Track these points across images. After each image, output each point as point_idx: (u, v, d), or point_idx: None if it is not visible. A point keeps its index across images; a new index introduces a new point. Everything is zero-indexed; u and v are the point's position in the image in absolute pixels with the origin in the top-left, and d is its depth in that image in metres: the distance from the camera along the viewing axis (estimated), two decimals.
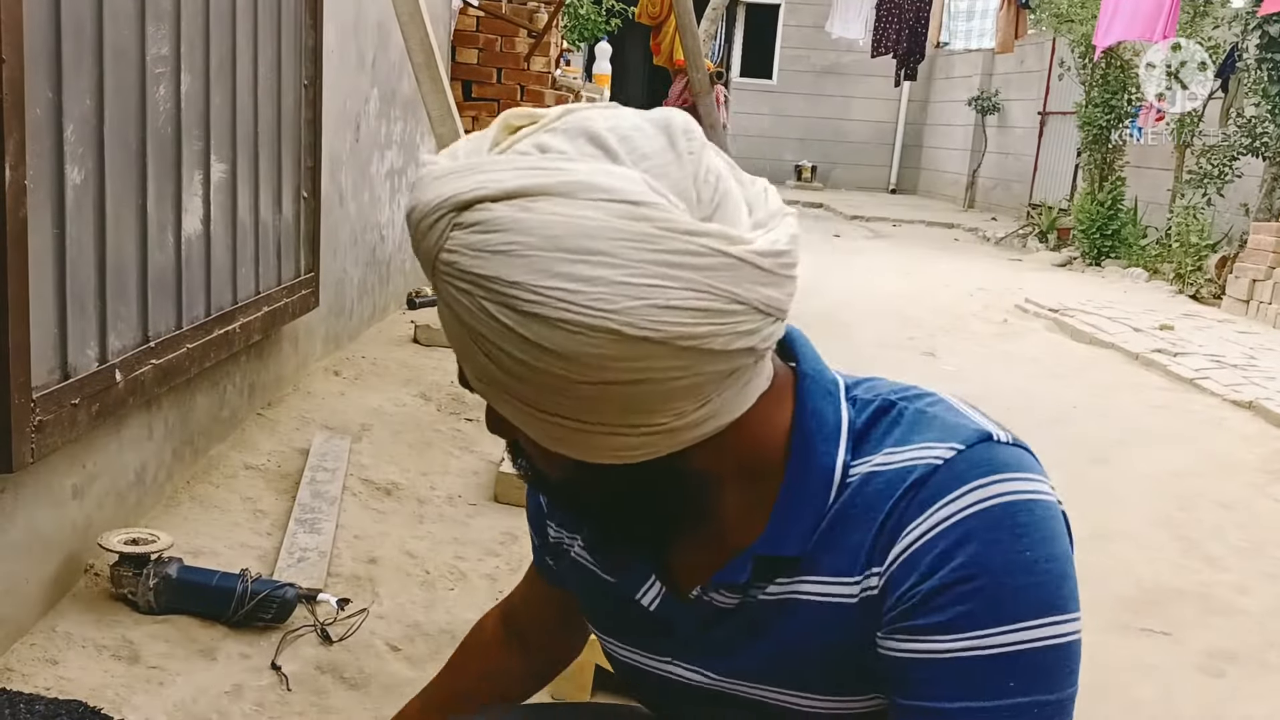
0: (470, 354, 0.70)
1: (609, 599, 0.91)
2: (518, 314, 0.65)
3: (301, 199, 3.56)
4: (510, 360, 0.67)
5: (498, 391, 0.72)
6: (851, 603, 0.78)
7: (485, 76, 7.32)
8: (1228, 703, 2.58)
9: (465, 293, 0.66)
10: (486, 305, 0.66)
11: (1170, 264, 9.55)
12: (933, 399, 0.83)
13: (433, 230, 0.67)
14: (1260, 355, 6.67)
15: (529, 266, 0.64)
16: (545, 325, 0.65)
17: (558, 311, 0.64)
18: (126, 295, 2.42)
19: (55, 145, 2.10)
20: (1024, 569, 0.72)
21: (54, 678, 2.02)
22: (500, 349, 0.67)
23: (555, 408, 0.69)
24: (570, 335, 0.64)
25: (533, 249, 0.64)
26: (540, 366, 0.66)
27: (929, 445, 0.77)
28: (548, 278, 0.64)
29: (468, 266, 0.66)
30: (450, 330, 0.71)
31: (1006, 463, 0.76)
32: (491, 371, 0.69)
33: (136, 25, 2.39)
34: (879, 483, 0.77)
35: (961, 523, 0.73)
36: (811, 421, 0.80)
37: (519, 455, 0.82)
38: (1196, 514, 3.86)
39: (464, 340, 0.70)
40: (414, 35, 3.54)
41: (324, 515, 2.82)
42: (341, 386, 4.01)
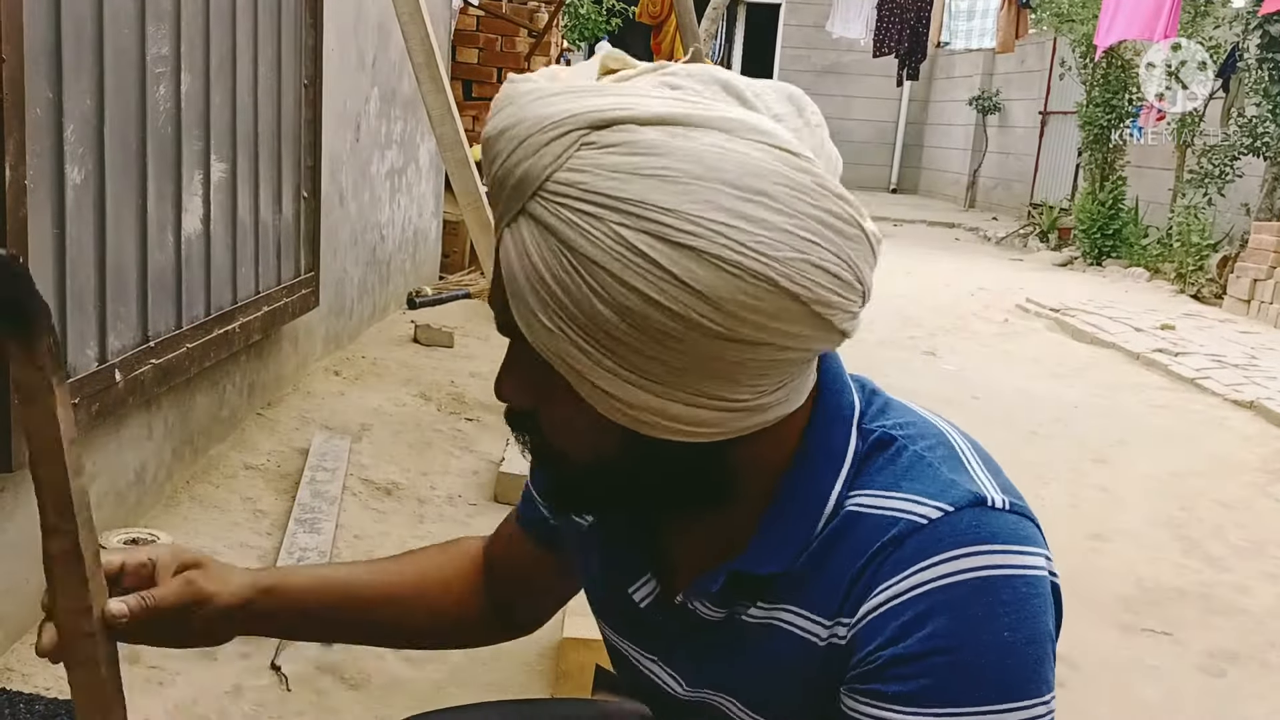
0: (554, 290, 0.62)
1: (605, 583, 0.88)
2: (666, 244, 0.60)
3: (301, 198, 3.56)
4: (628, 296, 0.61)
5: (575, 335, 0.63)
6: (819, 645, 0.74)
7: (485, 76, 7.31)
8: (1229, 703, 2.58)
9: (589, 216, 0.60)
10: (622, 232, 0.60)
11: (1171, 264, 9.55)
12: (936, 442, 0.76)
13: (548, 148, 0.61)
14: (1261, 355, 6.66)
15: (689, 195, 0.59)
16: (697, 260, 0.60)
17: (717, 248, 0.59)
18: (126, 295, 2.42)
19: (55, 145, 2.10)
20: (999, 649, 0.67)
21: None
22: (620, 282, 0.60)
23: (646, 362, 0.63)
24: (722, 275, 0.60)
25: (693, 178, 0.60)
26: (666, 306, 0.60)
27: (916, 500, 0.72)
28: (711, 210, 0.59)
29: (602, 188, 0.60)
30: (528, 260, 0.63)
31: (995, 533, 0.69)
32: (587, 309, 0.62)
33: (137, 25, 2.39)
34: (863, 527, 0.73)
35: (933, 593, 0.68)
36: (819, 445, 0.75)
37: (529, 429, 0.74)
38: (1197, 514, 3.86)
39: (556, 271, 0.62)
40: (414, 34, 3.54)
41: (324, 515, 2.82)
42: (341, 386, 4.01)
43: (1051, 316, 7.68)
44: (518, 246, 0.64)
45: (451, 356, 4.71)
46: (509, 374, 0.71)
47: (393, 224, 5.21)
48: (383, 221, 5.05)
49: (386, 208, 5.09)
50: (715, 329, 0.61)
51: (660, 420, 0.66)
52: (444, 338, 4.88)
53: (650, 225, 0.60)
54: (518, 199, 0.63)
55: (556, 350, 0.65)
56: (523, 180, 0.63)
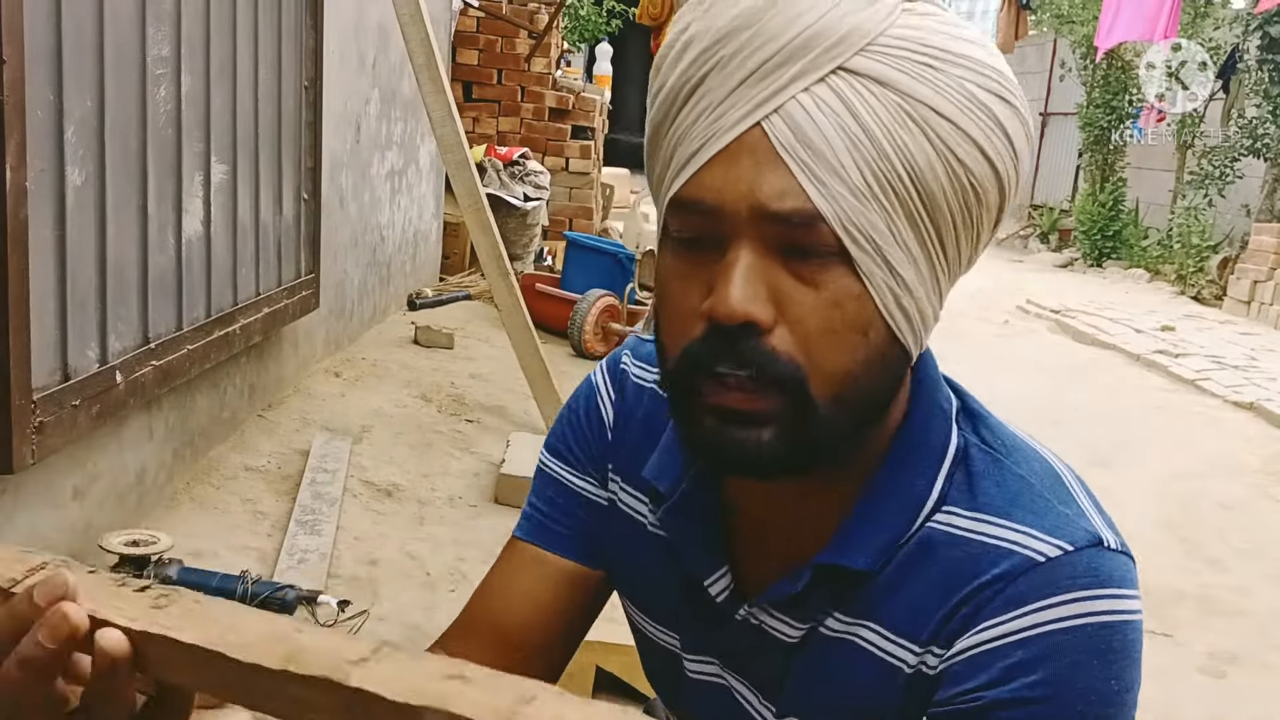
0: (883, 145, 0.61)
1: (671, 579, 0.82)
2: (998, 99, 0.64)
3: (302, 200, 3.56)
4: (965, 149, 0.63)
5: (889, 200, 0.62)
6: (907, 671, 0.70)
7: (486, 77, 7.32)
8: (1229, 704, 2.58)
9: (931, 68, 0.62)
10: (966, 84, 0.63)
11: (1171, 265, 9.55)
12: (1041, 468, 0.74)
13: (874, 7, 0.62)
14: (1261, 356, 6.66)
15: (1003, 63, 0.65)
16: (1017, 119, 0.65)
17: (1025, 110, 0.66)
18: (127, 296, 2.42)
19: (56, 147, 2.10)
20: (1103, 700, 0.65)
21: None
22: (962, 133, 0.63)
23: (940, 234, 0.65)
24: (1025, 137, 0.66)
25: (995, 51, 0.66)
26: (993, 160, 0.64)
27: (1031, 533, 0.68)
28: (1014, 77, 0.66)
29: (939, 43, 0.62)
30: (851, 118, 0.61)
31: (1111, 576, 0.67)
32: (920, 164, 0.62)
33: (137, 27, 2.39)
34: (964, 553, 0.69)
35: (1050, 635, 0.65)
36: (917, 438, 0.72)
37: (758, 356, 0.63)
38: (1198, 515, 3.86)
39: (890, 125, 0.61)
40: (414, 36, 3.54)
41: (324, 517, 2.82)
42: (342, 388, 4.01)
43: (1052, 318, 7.68)
44: (829, 107, 0.61)
45: (452, 358, 4.71)
46: (748, 281, 0.62)
47: (393, 225, 5.21)
48: (383, 223, 5.05)
49: (387, 209, 5.09)
50: (1006, 193, 0.67)
51: (917, 316, 0.67)
52: (444, 339, 4.88)
53: (988, 81, 0.63)
54: (833, 56, 0.61)
55: (864, 223, 0.62)
56: (849, 35, 0.61)
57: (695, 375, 0.65)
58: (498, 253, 3.72)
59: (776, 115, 0.62)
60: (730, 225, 0.63)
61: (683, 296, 0.66)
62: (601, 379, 0.89)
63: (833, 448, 0.67)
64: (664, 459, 0.80)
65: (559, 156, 7.49)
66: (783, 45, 0.61)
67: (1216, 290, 8.80)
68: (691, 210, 0.65)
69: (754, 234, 0.63)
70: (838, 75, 0.61)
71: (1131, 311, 7.99)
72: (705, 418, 0.66)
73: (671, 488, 0.79)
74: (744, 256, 0.63)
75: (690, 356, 0.65)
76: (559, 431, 0.90)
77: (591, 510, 0.88)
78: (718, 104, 0.63)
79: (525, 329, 3.75)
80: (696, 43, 0.65)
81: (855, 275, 0.63)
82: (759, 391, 0.64)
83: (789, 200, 0.61)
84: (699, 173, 0.64)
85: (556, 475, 0.89)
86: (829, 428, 0.65)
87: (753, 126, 0.62)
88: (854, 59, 0.61)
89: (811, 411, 0.64)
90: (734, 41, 0.63)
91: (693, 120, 0.65)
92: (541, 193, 6.57)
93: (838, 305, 0.63)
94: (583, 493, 0.88)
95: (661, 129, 0.68)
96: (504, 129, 7.39)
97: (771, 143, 0.62)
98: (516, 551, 0.89)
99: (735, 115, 0.63)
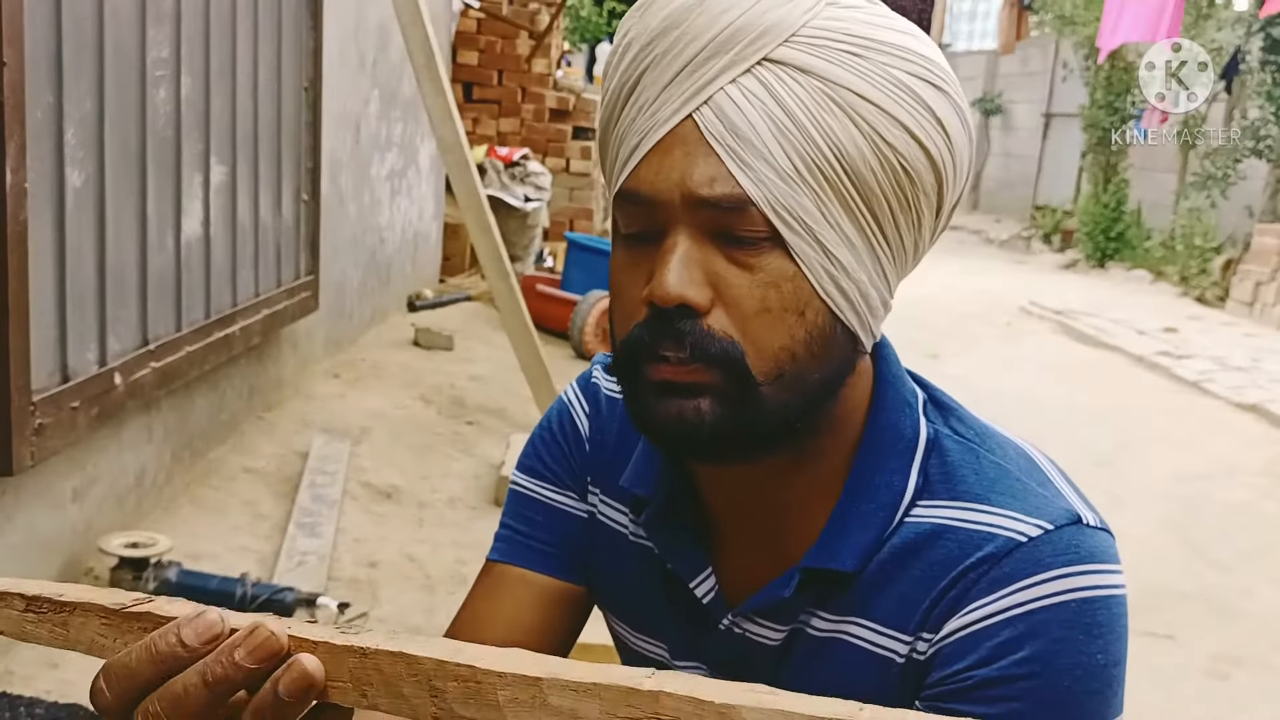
0: (810, 132, 0.64)
1: (656, 587, 0.83)
2: (928, 85, 0.65)
3: (301, 201, 3.55)
4: (894, 133, 0.65)
5: (819, 184, 0.65)
6: (899, 661, 0.72)
7: (486, 78, 7.32)
8: (1232, 705, 2.57)
9: (856, 56, 0.64)
10: (892, 70, 0.64)
11: (1174, 266, 9.54)
12: (1014, 452, 0.75)
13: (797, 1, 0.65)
14: (1264, 358, 6.65)
15: (934, 51, 0.67)
16: (948, 103, 0.66)
17: (956, 95, 0.67)
18: (126, 298, 2.42)
19: (56, 148, 2.10)
20: (1089, 674, 0.67)
21: (55, 681, 2.01)
22: (890, 118, 0.64)
23: (875, 217, 0.66)
24: (958, 121, 0.67)
25: (927, 40, 0.68)
26: (924, 144, 0.66)
27: (1012, 515, 0.70)
28: (946, 64, 0.68)
29: (863, 32, 0.65)
30: (778, 106, 0.64)
31: (1093, 552, 0.69)
32: (848, 150, 0.64)
33: (137, 28, 2.38)
34: (949, 541, 0.70)
35: (1034, 614, 0.67)
36: (886, 432, 0.74)
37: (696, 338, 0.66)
38: (1201, 517, 3.85)
39: (815, 112, 0.64)
40: (415, 37, 3.54)
41: (324, 519, 2.82)
42: (341, 389, 4.00)
43: (1054, 319, 7.67)
44: (756, 97, 0.64)
45: (451, 359, 4.70)
46: (685, 265, 0.65)
47: (392, 226, 5.21)
48: (382, 224, 5.04)
49: (386, 210, 5.09)
50: (942, 176, 0.67)
51: (858, 297, 0.68)
52: (444, 341, 4.87)
53: (915, 67, 0.65)
54: (758, 49, 0.64)
55: (794, 207, 0.65)
56: (772, 27, 0.64)
57: (638, 358, 0.68)
58: (498, 254, 3.71)
59: (706, 107, 0.64)
60: (666, 214, 0.66)
61: (628, 286, 0.69)
62: (574, 395, 0.90)
63: (777, 427, 0.68)
64: (640, 466, 0.81)
65: (559, 157, 7.49)
66: (708, 41, 0.64)
67: (1219, 291, 8.79)
68: (631, 202, 0.67)
69: (688, 221, 0.65)
70: (763, 66, 0.64)
71: (1134, 313, 7.98)
72: (647, 395, 0.68)
73: (651, 493, 0.80)
74: (680, 243, 0.66)
75: (632, 340, 0.68)
76: (532, 452, 0.90)
77: (573, 524, 0.87)
78: (653, 100, 0.66)
79: (525, 330, 3.75)
80: (634, 45, 0.68)
81: (789, 257, 0.65)
82: (697, 366, 0.66)
83: (718, 186, 0.64)
84: (638, 167, 0.67)
85: (534, 494, 0.89)
86: (770, 404, 0.67)
87: (685, 119, 0.65)
88: (778, 50, 0.64)
89: (750, 387, 0.66)
90: (665, 40, 0.66)
91: (632, 118, 0.67)
92: (542, 194, 6.57)
93: (773, 286, 0.65)
94: (563, 508, 0.88)
95: (608, 129, 0.71)
96: (504, 130, 7.38)
97: (702, 133, 0.64)
98: (495, 576, 0.88)
99: (668, 110, 0.65)
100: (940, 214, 0.70)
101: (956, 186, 0.70)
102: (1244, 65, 9.16)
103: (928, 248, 0.72)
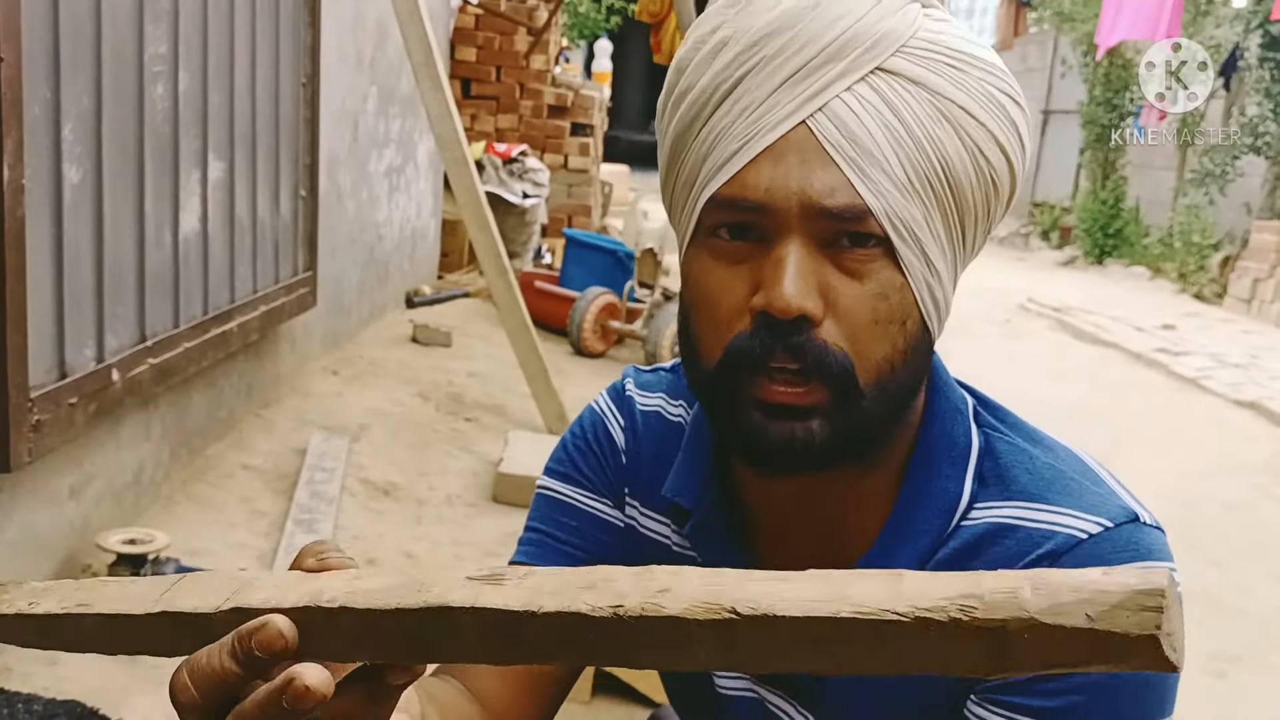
0: (921, 141, 0.65)
1: None
2: (1010, 99, 0.68)
3: (299, 198, 3.55)
4: (990, 144, 0.67)
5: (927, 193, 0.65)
6: None
7: (484, 74, 7.31)
8: (1230, 704, 2.57)
9: (955, 69, 0.66)
10: (986, 84, 0.67)
11: (1173, 263, 9.55)
12: (1065, 454, 0.75)
13: (907, 9, 0.66)
14: (1262, 355, 6.66)
15: (1006, 67, 0.70)
16: (1023, 117, 0.69)
17: (1026, 109, 0.70)
18: (124, 294, 2.41)
19: (53, 144, 2.09)
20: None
21: (53, 678, 2.01)
22: (985, 129, 0.67)
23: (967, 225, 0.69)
24: (1028, 135, 0.70)
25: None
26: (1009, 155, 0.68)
27: (1070, 513, 0.70)
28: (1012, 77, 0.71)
29: (958, 46, 0.67)
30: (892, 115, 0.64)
31: (1151, 549, 0.70)
32: (953, 159, 0.66)
33: (135, 24, 2.38)
34: (1009, 540, 0.70)
35: None
36: (940, 440, 0.74)
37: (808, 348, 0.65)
38: (1199, 515, 3.85)
39: (926, 122, 0.65)
40: (413, 33, 3.53)
41: (322, 515, 2.81)
42: (339, 386, 4.00)
43: (1053, 316, 7.67)
44: (872, 105, 0.64)
45: (450, 356, 4.70)
46: (801, 276, 0.64)
47: (391, 223, 5.20)
48: (380, 221, 5.04)
49: (384, 207, 5.08)
50: (1016, 187, 0.71)
51: (945, 305, 0.70)
52: (442, 337, 4.87)
53: (1001, 82, 0.68)
54: (873, 57, 0.64)
55: (906, 216, 0.65)
56: (885, 36, 0.65)
57: (743, 370, 0.66)
58: (496, 250, 3.71)
59: (821, 113, 0.64)
60: (779, 221, 0.64)
61: (725, 292, 0.67)
62: (606, 405, 0.89)
63: (873, 436, 0.69)
64: (682, 476, 0.80)
65: (558, 154, 7.48)
66: (824, 46, 0.64)
67: (1217, 288, 8.79)
68: (736, 208, 0.65)
69: (803, 229, 0.64)
70: (877, 75, 0.64)
71: (1132, 310, 7.99)
72: (753, 412, 0.66)
73: (694, 504, 0.79)
74: (794, 251, 0.64)
75: (738, 351, 0.66)
76: (565, 457, 0.89)
77: (608, 531, 0.86)
78: (759, 103, 0.64)
79: (524, 327, 3.74)
80: (732, 44, 0.66)
81: (897, 267, 0.66)
82: (807, 384, 0.65)
83: (840, 196, 0.63)
84: (742, 171, 0.65)
85: (568, 499, 0.87)
86: (873, 416, 0.67)
87: (798, 125, 0.64)
88: (890, 60, 0.64)
89: (856, 400, 0.66)
90: (774, 43, 0.65)
91: (732, 120, 0.65)
92: (540, 190, 6.56)
93: (883, 296, 0.65)
94: (598, 514, 0.87)
95: (692, 129, 0.68)
96: (502, 126, 7.38)
97: (818, 140, 0.63)
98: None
99: (779, 114, 0.64)
100: (998, 221, 0.74)
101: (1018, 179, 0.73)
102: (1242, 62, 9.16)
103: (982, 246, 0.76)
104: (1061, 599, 0.39)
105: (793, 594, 0.41)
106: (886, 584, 0.41)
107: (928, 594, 0.40)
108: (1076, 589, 0.39)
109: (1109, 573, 0.39)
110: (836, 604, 0.40)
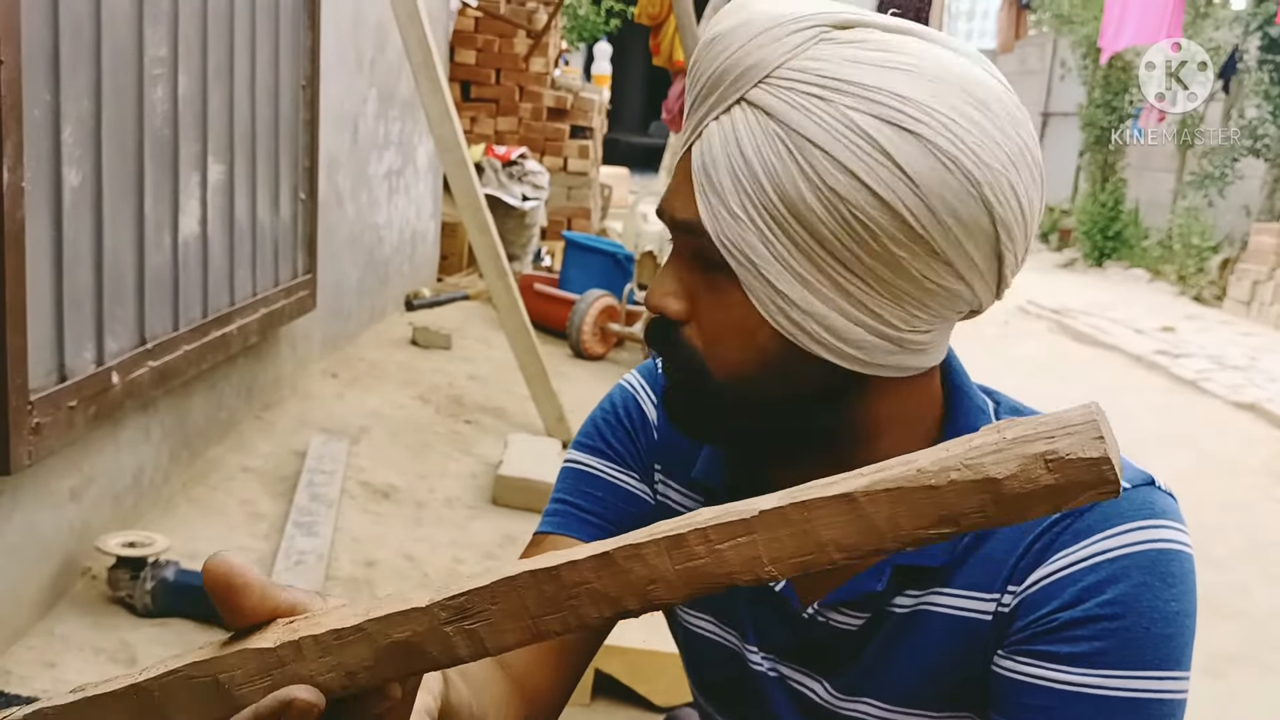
0: (757, 174, 0.66)
1: None
2: (892, 128, 0.64)
3: (299, 200, 3.55)
4: (839, 179, 0.64)
5: (765, 225, 0.67)
6: (986, 619, 0.75)
7: (484, 77, 7.31)
8: (1229, 705, 2.57)
9: (818, 99, 0.65)
10: (851, 114, 0.64)
11: (1172, 265, 9.55)
12: None
13: (788, 39, 0.66)
14: (1262, 356, 6.66)
15: (923, 88, 0.64)
16: (918, 146, 0.64)
17: (939, 138, 0.64)
18: (123, 297, 2.41)
19: (53, 147, 2.09)
20: (1167, 619, 0.71)
21: (52, 680, 2.01)
22: (835, 163, 0.64)
23: (827, 260, 0.67)
24: (936, 166, 0.64)
25: (928, 76, 0.65)
26: (876, 191, 0.64)
27: None
28: (941, 104, 0.64)
29: (837, 73, 0.65)
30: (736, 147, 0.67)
31: (1166, 510, 0.75)
32: (790, 194, 0.65)
33: (134, 27, 2.38)
34: None
35: (1117, 560, 0.72)
36: (964, 432, 0.75)
37: (670, 344, 0.75)
38: (1199, 516, 3.85)
39: (766, 155, 0.66)
40: (412, 35, 3.53)
41: (322, 518, 2.81)
42: (339, 389, 4.00)
43: (1052, 318, 7.67)
44: (725, 135, 0.68)
45: (449, 359, 4.70)
46: (668, 279, 0.74)
47: (390, 225, 5.20)
48: (380, 223, 5.04)
49: (384, 209, 5.08)
50: (912, 224, 0.65)
51: (818, 329, 0.69)
52: (442, 340, 4.87)
53: (880, 109, 0.64)
54: (738, 88, 0.67)
55: (739, 242, 0.69)
56: (751, 68, 0.67)
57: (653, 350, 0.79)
58: (496, 253, 3.71)
59: (699, 140, 0.70)
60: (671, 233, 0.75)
61: None
62: (639, 383, 0.92)
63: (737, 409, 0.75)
64: (711, 457, 0.85)
65: (557, 156, 7.49)
66: (710, 77, 0.69)
67: (1217, 290, 8.80)
68: (661, 219, 0.76)
69: (678, 241, 0.74)
70: (739, 106, 0.68)
71: (1132, 312, 7.99)
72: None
73: (721, 484, 0.83)
74: (671, 259, 0.75)
75: (649, 329, 0.78)
76: (594, 431, 0.91)
77: (636, 504, 0.88)
78: (684, 130, 0.74)
79: (523, 329, 3.74)
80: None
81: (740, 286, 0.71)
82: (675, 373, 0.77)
83: (682, 212, 0.72)
84: (669, 186, 0.75)
85: (596, 471, 0.89)
86: (734, 400, 0.74)
87: (687, 148, 0.72)
88: (752, 91, 0.67)
89: (711, 386, 0.74)
90: (691, 74, 0.72)
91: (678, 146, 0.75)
92: (540, 193, 6.56)
93: (727, 309, 0.72)
94: (627, 487, 0.89)
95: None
96: (502, 128, 7.38)
97: (692, 164, 0.71)
98: (545, 546, 0.86)
99: (683, 140, 0.73)
100: (940, 258, 0.67)
101: (961, 230, 0.66)
102: (1242, 64, 9.17)
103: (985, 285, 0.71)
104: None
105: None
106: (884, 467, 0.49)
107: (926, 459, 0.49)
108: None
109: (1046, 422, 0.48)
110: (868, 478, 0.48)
